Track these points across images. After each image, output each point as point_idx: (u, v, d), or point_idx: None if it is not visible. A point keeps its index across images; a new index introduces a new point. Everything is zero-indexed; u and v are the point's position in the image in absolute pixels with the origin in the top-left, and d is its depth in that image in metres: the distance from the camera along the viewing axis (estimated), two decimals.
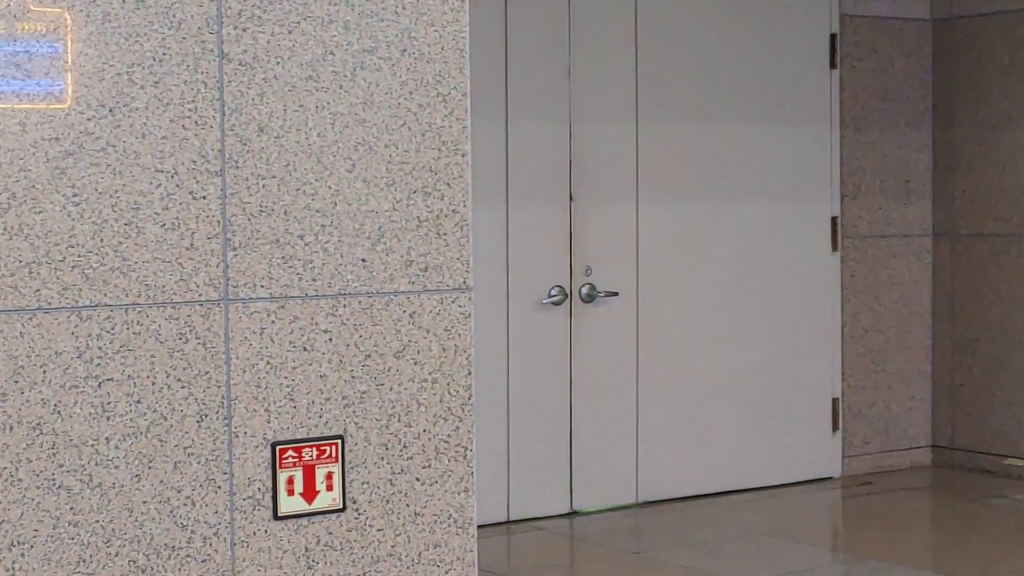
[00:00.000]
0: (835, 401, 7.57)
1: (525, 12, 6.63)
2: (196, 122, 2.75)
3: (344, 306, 2.93)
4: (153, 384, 2.74)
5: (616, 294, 6.88)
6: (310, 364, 2.90)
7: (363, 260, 2.94)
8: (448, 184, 3.02)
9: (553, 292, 6.75)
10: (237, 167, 2.79)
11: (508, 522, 6.64)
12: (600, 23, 6.80)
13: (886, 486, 7.39)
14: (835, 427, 7.58)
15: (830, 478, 7.55)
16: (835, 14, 7.46)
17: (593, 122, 6.80)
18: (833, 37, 7.46)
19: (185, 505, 2.77)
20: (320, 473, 2.92)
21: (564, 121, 6.74)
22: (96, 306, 2.67)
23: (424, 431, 3.02)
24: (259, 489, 2.85)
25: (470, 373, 3.09)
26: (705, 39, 7.06)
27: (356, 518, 2.96)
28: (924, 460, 7.80)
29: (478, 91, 3.18)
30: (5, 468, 2.60)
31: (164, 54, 2.72)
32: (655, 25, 6.93)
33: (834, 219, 7.51)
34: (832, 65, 7.46)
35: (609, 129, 6.85)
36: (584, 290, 6.81)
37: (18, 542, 2.62)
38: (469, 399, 3.09)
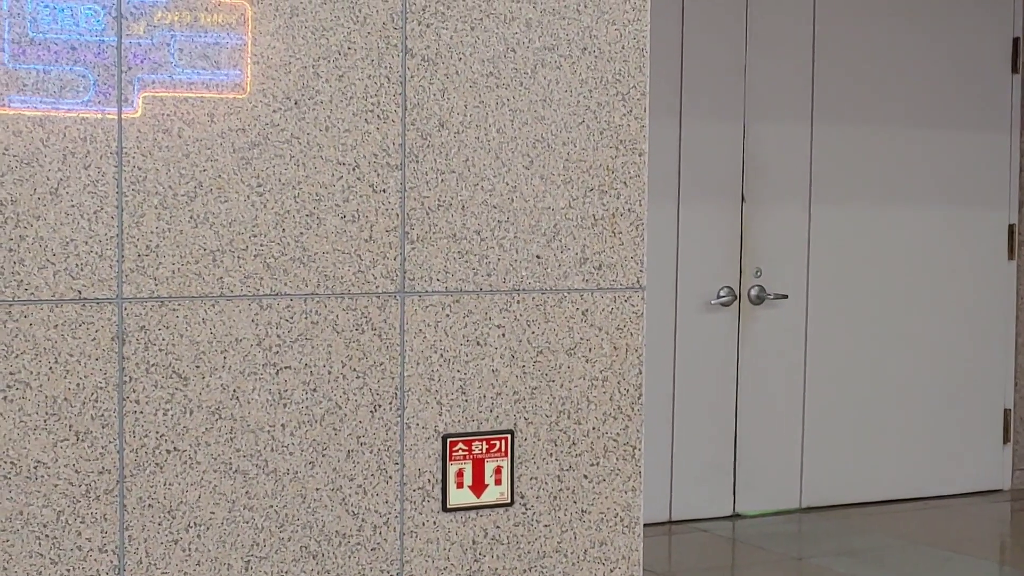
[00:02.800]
0: (1007, 412, 7.42)
1: (702, 10, 6.60)
2: (378, 116, 2.79)
3: (518, 302, 2.94)
4: (329, 373, 2.78)
5: (785, 297, 6.81)
6: (483, 358, 2.92)
7: (538, 257, 2.95)
8: (625, 183, 3.02)
9: (722, 293, 6.71)
10: (417, 161, 2.82)
11: (670, 522, 6.62)
12: (777, 22, 6.74)
13: None
14: (1006, 439, 7.42)
15: (999, 491, 7.40)
16: (1018, 17, 7.30)
17: (767, 122, 6.74)
18: (1016, 41, 7.30)
19: (356, 494, 2.81)
20: (489, 467, 2.94)
21: (738, 120, 6.69)
22: (276, 295, 2.72)
23: (593, 429, 3.03)
24: (429, 481, 2.88)
25: (640, 372, 3.09)
26: (883, 41, 6.96)
27: (523, 513, 2.97)
28: None
29: (653, 89, 3.17)
30: (184, 451, 2.66)
31: (349, 48, 2.75)
32: (833, 25, 6.84)
33: (1011, 227, 7.36)
34: (1014, 70, 7.30)
35: (783, 129, 6.78)
36: (753, 292, 6.76)
37: (195, 523, 2.68)
38: (639, 398, 3.08)
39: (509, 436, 2.95)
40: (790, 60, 6.79)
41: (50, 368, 2.56)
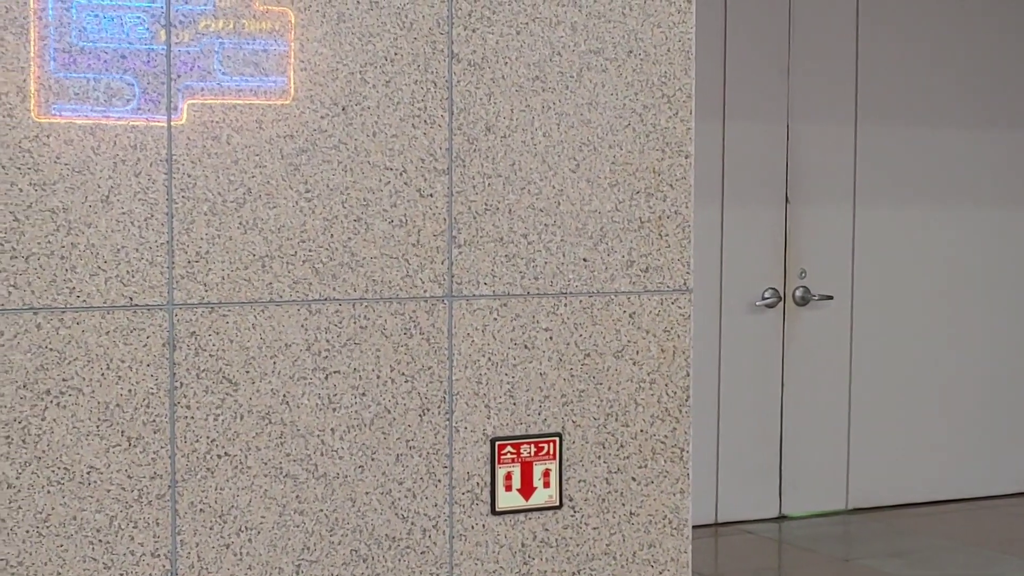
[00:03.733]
0: None
1: (744, 10, 6.59)
2: (425, 121, 2.80)
3: (565, 305, 2.95)
4: (378, 377, 2.79)
5: (831, 298, 6.79)
6: (530, 362, 2.93)
7: (585, 260, 2.95)
8: (671, 185, 3.02)
9: (766, 294, 6.70)
10: (464, 166, 2.83)
11: (716, 524, 6.61)
12: (820, 22, 6.72)
13: None
14: None
15: None
16: None
17: (811, 122, 6.72)
18: None
19: (406, 497, 2.82)
20: (538, 470, 2.94)
21: (781, 121, 6.68)
22: (325, 300, 2.73)
23: (641, 431, 3.03)
24: (478, 484, 2.89)
25: (688, 375, 3.09)
26: (928, 38, 6.93)
27: (572, 516, 2.98)
28: None
29: (696, 90, 3.17)
30: (235, 456, 2.68)
31: (396, 54, 2.77)
32: (876, 25, 6.82)
33: None
34: None
35: (827, 130, 6.77)
36: (798, 293, 6.74)
37: (246, 528, 2.70)
38: (686, 400, 3.08)
39: (557, 439, 2.96)
40: (833, 60, 6.77)
41: (102, 374, 2.58)
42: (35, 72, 2.52)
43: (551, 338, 2.94)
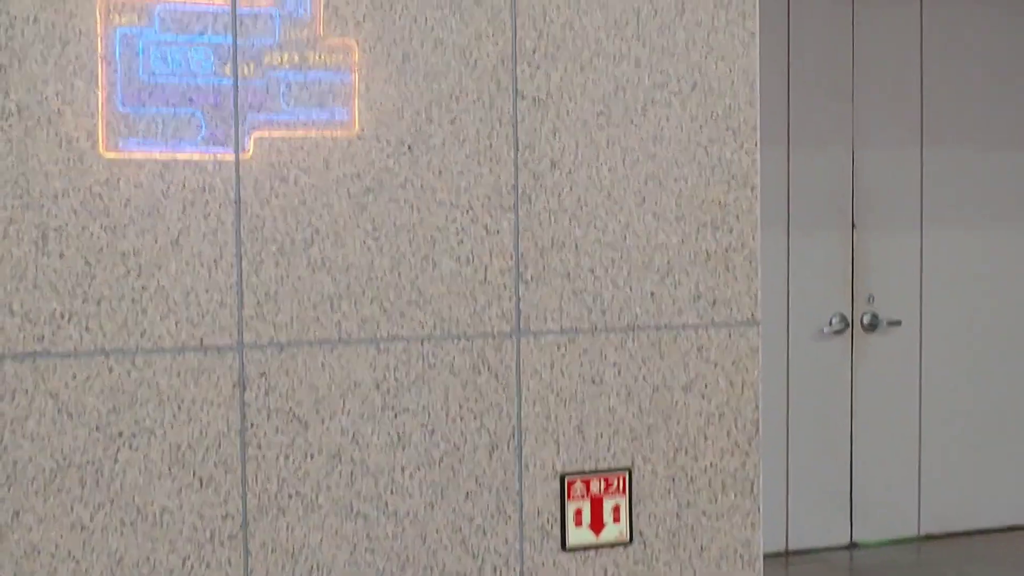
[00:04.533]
0: None
1: (807, 37, 6.57)
2: (491, 158, 2.80)
3: (633, 339, 2.94)
4: (447, 415, 2.79)
5: (899, 323, 6.74)
6: (599, 397, 2.92)
7: (652, 294, 2.95)
8: (737, 218, 3.01)
9: (834, 321, 6.66)
10: (530, 202, 2.84)
11: (787, 552, 6.57)
12: (883, 47, 6.68)
13: None
14: None
15: None
16: None
17: (876, 147, 6.69)
18: None
19: (476, 534, 2.82)
20: (608, 505, 2.93)
21: (847, 147, 6.64)
22: (393, 338, 2.74)
23: (711, 465, 3.01)
24: (548, 520, 2.88)
25: (757, 407, 3.07)
26: (991, 61, 6.88)
27: (643, 551, 2.97)
28: None
29: (760, 117, 3.16)
30: (306, 495, 2.69)
31: (461, 92, 2.78)
32: (940, 47, 6.78)
33: None
34: None
35: (893, 155, 6.72)
36: (866, 319, 6.70)
37: (318, 566, 2.70)
38: (756, 433, 3.07)
39: (627, 474, 2.95)
40: (897, 84, 6.73)
41: (174, 415, 2.60)
42: (103, 110, 2.55)
43: (619, 373, 2.93)
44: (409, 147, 2.74)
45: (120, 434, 2.56)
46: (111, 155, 2.55)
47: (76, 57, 2.53)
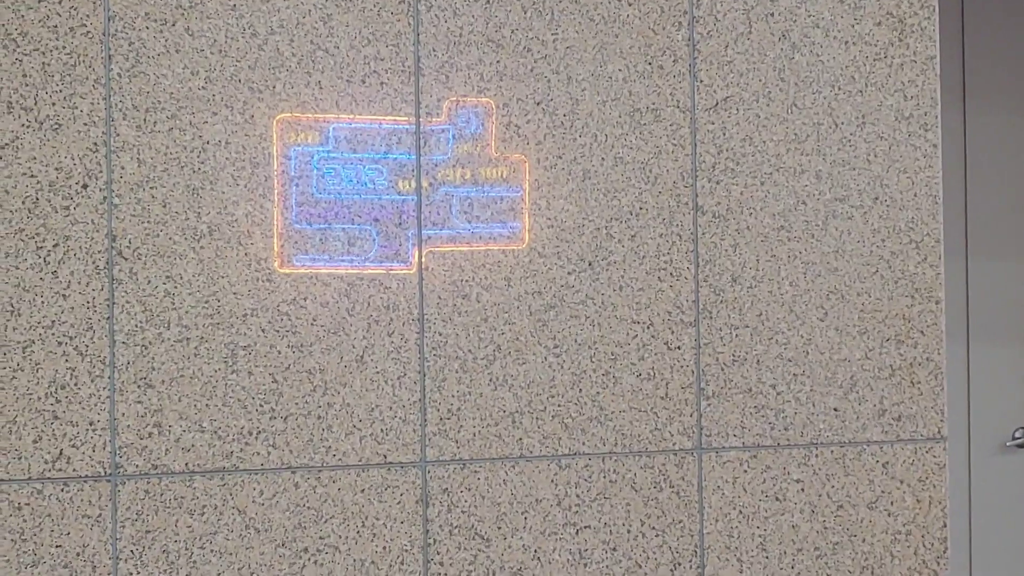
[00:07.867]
0: None
1: (986, 148, 6.48)
2: (671, 274, 2.80)
3: (816, 456, 2.90)
4: (628, 532, 2.77)
5: None
6: (782, 514, 2.88)
7: (835, 409, 2.91)
8: (922, 332, 2.96)
9: (1018, 434, 6.49)
10: (711, 317, 2.82)
11: None
12: None
13: None
14: None
15: None
16: None
17: None
18: None
19: None
20: None
21: None
22: (575, 455, 2.74)
23: None
24: None
25: (945, 525, 3.00)
26: None
27: None
28: None
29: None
30: None
31: (641, 208, 2.78)
32: None
33: None
34: None
35: None
36: None
37: None
38: (944, 552, 2.99)
39: None
40: None
41: (358, 531, 2.61)
42: (278, 225, 2.60)
43: (803, 489, 2.89)
44: (589, 264, 2.75)
45: (305, 550, 2.59)
46: (285, 271, 2.59)
47: (266, 179, 2.59)
